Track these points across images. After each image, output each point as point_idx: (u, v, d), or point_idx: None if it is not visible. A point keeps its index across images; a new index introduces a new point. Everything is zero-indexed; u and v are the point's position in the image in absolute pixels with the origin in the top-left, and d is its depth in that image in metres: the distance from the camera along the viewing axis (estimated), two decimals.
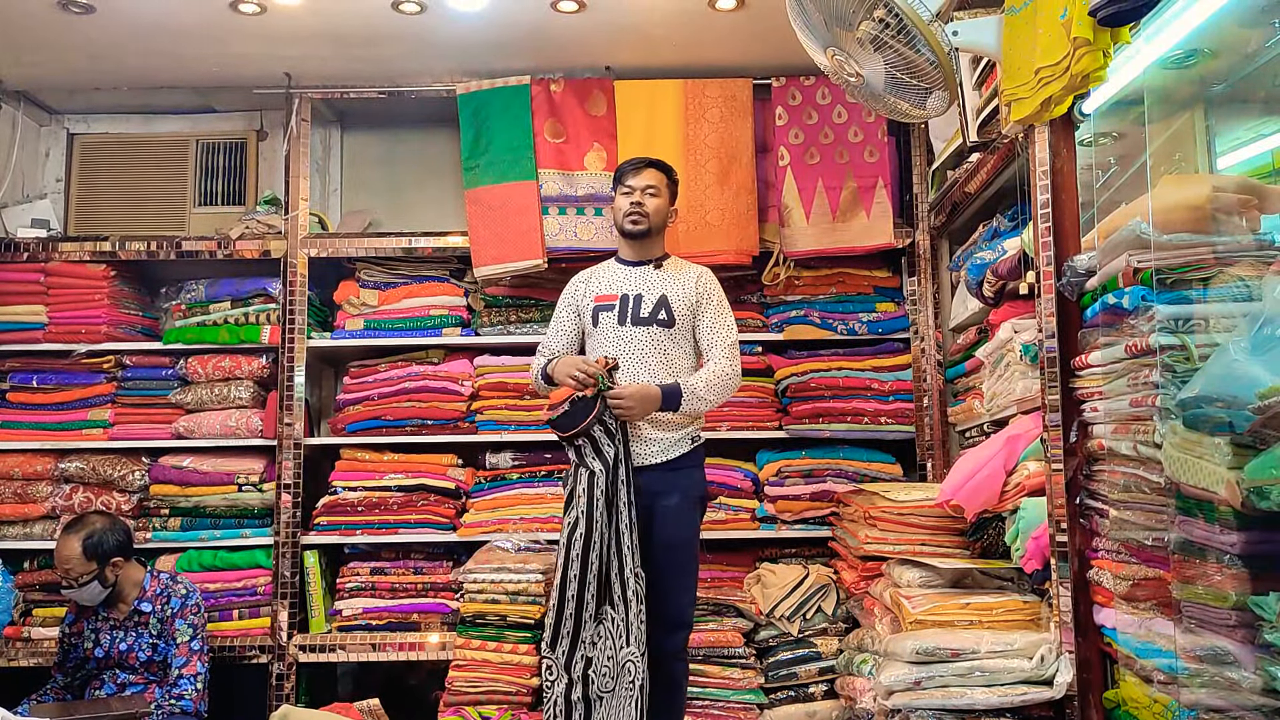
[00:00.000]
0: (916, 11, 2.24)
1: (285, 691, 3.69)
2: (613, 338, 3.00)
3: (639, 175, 3.06)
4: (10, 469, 3.87)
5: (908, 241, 3.87)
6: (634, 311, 3.00)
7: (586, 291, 3.11)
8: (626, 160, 3.17)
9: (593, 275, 3.16)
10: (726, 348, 2.99)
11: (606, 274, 3.13)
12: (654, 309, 2.99)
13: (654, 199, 3.06)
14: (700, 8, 3.46)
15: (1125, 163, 2.39)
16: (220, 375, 3.92)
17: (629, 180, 3.07)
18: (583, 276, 3.19)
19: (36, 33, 3.58)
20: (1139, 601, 2.12)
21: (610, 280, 3.09)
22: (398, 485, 3.83)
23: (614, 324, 3.00)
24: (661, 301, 3.00)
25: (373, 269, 4.03)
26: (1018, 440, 2.75)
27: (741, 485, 3.83)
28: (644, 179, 3.06)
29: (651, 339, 2.97)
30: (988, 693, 2.49)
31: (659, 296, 3.01)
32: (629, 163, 3.13)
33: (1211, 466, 1.68)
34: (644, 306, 3.00)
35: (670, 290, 3.02)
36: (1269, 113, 2.01)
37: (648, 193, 3.05)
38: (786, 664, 3.52)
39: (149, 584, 3.36)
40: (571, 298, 3.16)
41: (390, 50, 3.76)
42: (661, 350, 2.97)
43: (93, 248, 3.95)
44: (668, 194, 3.11)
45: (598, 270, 3.17)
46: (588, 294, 3.10)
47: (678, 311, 3.00)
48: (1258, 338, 1.62)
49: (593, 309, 3.06)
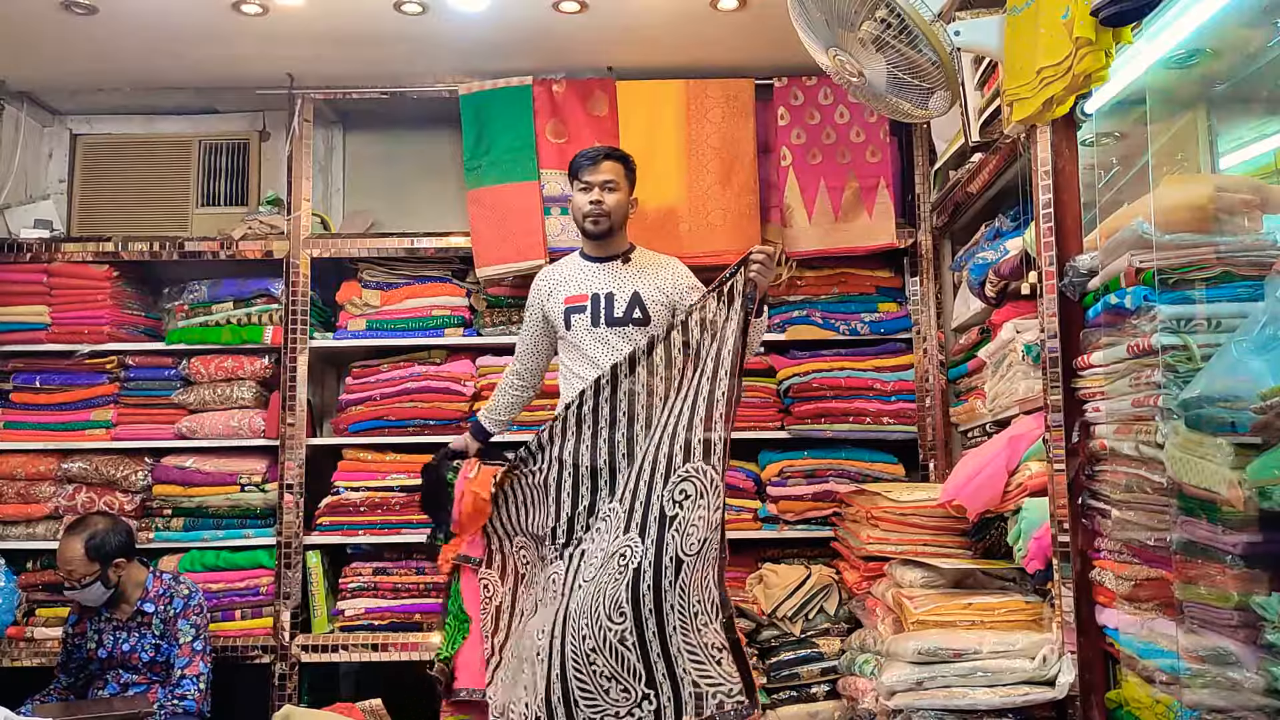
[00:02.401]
0: (918, 11, 2.23)
1: (287, 691, 3.70)
2: (587, 340, 2.92)
3: (595, 170, 2.92)
4: (13, 469, 3.88)
5: (910, 242, 3.86)
6: (607, 312, 2.91)
7: (553, 293, 3.01)
8: (580, 153, 3.02)
9: (558, 274, 3.05)
10: None
11: (573, 272, 3.02)
12: (628, 308, 2.91)
13: (613, 194, 2.93)
14: (702, 8, 3.46)
15: (1127, 163, 2.39)
16: (223, 375, 3.92)
17: (585, 175, 2.93)
18: (547, 276, 3.08)
19: (39, 33, 3.58)
20: (1141, 602, 2.11)
21: (578, 279, 2.99)
22: (400, 485, 3.83)
23: (587, 326, 2.92)
24: (634, 299, 2.91)
25: (375, 269, 4.03)
26: (1020, 440, 2.75)
27: (743, 485, 3.83)
28: (601, 174, 2.92)
29: (627, 338, 2.90)
30: (990, 693, 2.49)
31: (631, 294, 2.92)
32: (583, 155, 2.98)
33: (1214, 467, 1.68)
34: (617, 306, 2.91)
35: (643, 286, 2.94)
36: (1271, 112, 2.01)
37: (606, 188, 2.92)
38: (789, 664, 3.51)
39: (152, 584, 3.37)
40: (538, 304, 3.05)
41: (392, 51, 3.77)
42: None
43: (95, 248, 3.95)
44: (627, 185, 2.98)
45: (562, 268, 3.07)
46: (555, 296, 3.00)
47: (652, 309, 2.92)
48: (1260, 337, 1.62)
49: (563, 311, 2.96)
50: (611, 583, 2.52)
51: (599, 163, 2.93)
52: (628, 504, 2.59)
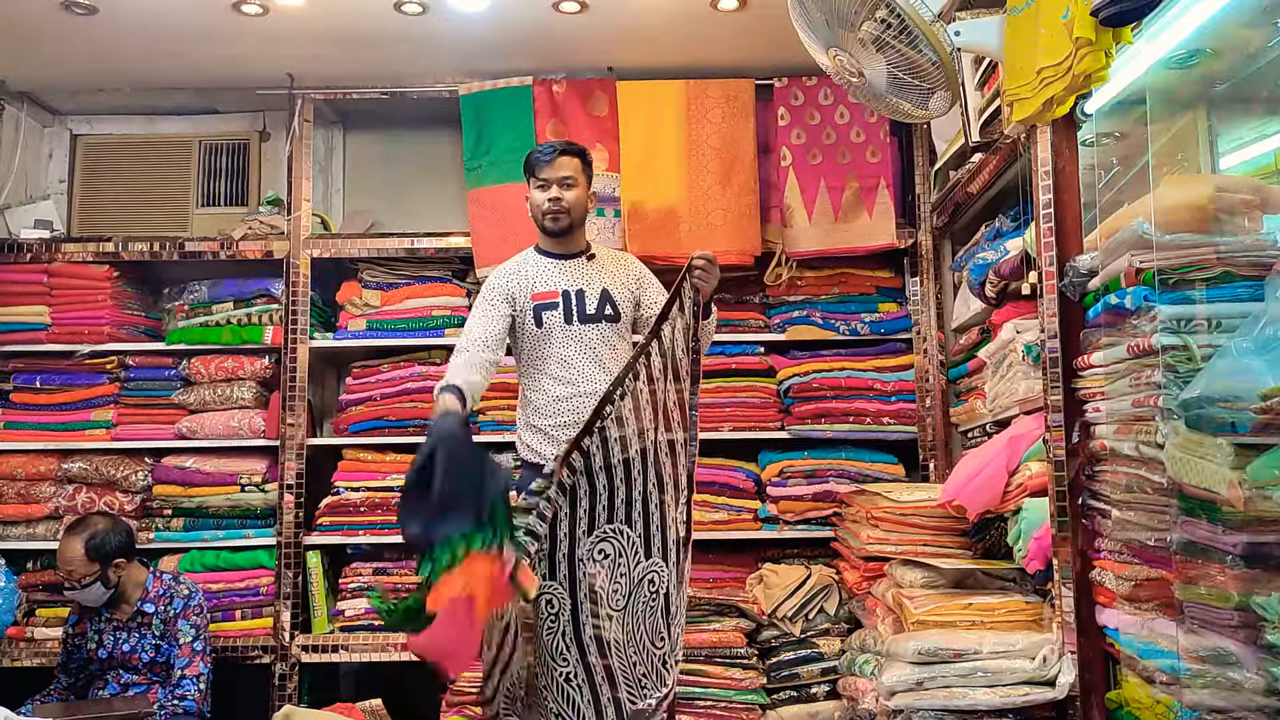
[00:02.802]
0: (918, 11, 2.23)
1: (288, 692, 3.70)
2: (560, 337, 2.83)
3: (553, 166, 2.84)
4: (14, 469, 3.88)
5: (910, 242, 3.86)
6: (579, 309, 2.84)
7: (521, 287, 2.86)
8: (536, 148, 2.94)
9: (520, 270, 2.92)
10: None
11: (536, 269, 2.91)
12: (599, 304, 2.85)
13: (571, 190, 2.85)
14: (702, 8, 3.46)
15: (1127, 163, 2.39)
16: (223, 376, 3.92)
17: (541, 173, 2.85)
18: (509, 271, 2.91)
19: (39, 34, 3.58)
20: (1141, 602, 2.11)
21: (543, 276, 2.89)
22: (400, 486, 3.82)
23: (560, 323, 2.83)
24: (605, 296, 2.86)
25: (375, 269, 4.03)
26: (1020, 441, 2.75)
27: (743, 485, 3.83)
28: (559, 170, 2.83)
29: (601, 335, 2.84)
30: (990, 693, 2.49)
31: (600, 291, 2.86)
32: (539, 151, 2.89)
33: (1214, 467, 1.68)
34: (589, 302, 2.85)
35: (610, 283, 2.89)
36: (1271, 112, 2.01)
37: (565, 185, 2.84)
38: (789, 664, 3.52)
39: (152, 585, 3.37)
40: (504, 289, 2.86)
41: (392, 51, 3.77)
42: (611, 345, 2.84)
43: (96, 248, 3.95)
44: (585, 180, 2.89)
45: (522, 264, 2.94)
46: (523, 290, 2.85)
47: (621, 305, 2.88)
48: (1260, 338, 1.62)
49: (533, 309, 2.85)
50: (649, 611, 2.61)
51: (555, 158, 2.84)
52: (641, 528, 2.62)
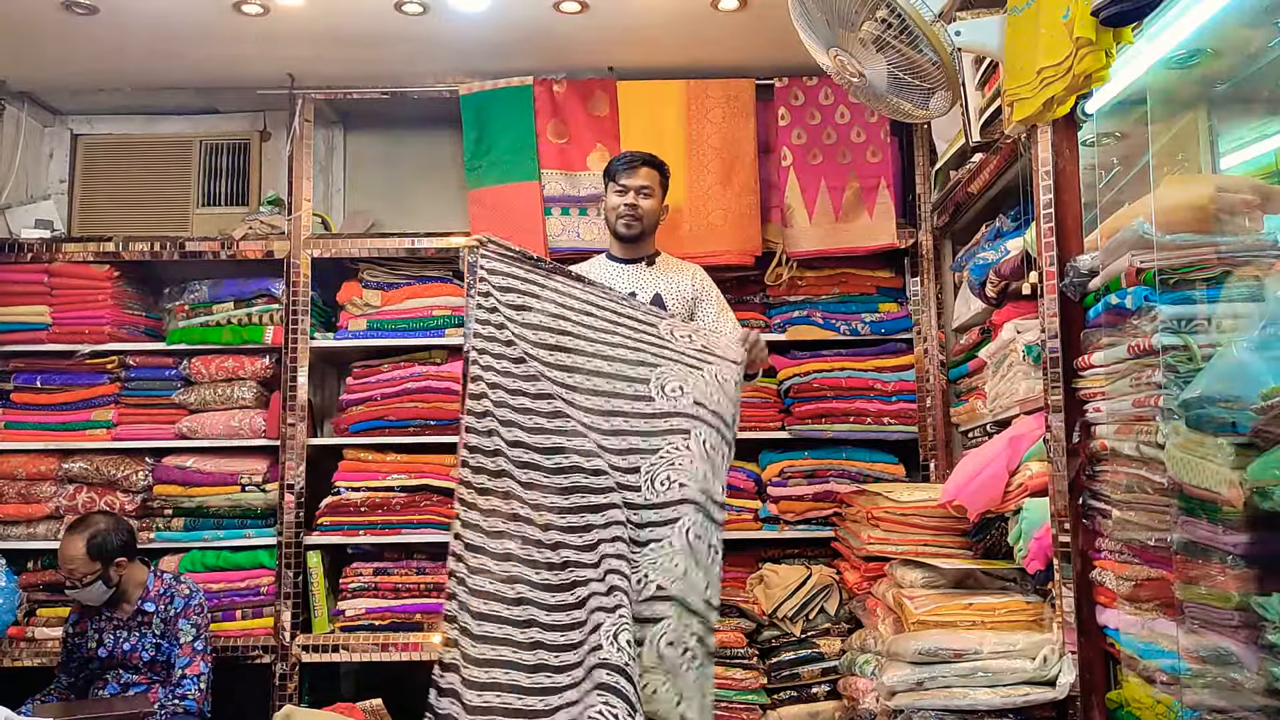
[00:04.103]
0: (919, 11, 2.23)
1: (288, 691, 3.70)
2: None
3: (634, 175, 2.98)
4: (14, 469, 3.88)
5: (910, 242, 3.86)
6: None
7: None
8: (619, 155, 3.08)
9: (588, 274, 3.03)
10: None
11: (597, 272, 3.06)
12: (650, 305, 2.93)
13: (648, 199, 2.99)
14: (703, 8, 3.46)
15: (1128, 163, 2.39)
16: (223, 376, 3.92)
17: (622, 179, 2.99)
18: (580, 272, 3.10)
19: (40, 33, 3.58)
20: (1142, 602, 2.11)
21: (602, 278, 2.99)
22: (400, 485, 3.83)
23: None
24: (656, 300, 2.96)
25: (375, 269, 4.03)
26: (1020, 441, 2.75)
27: (744, 486, 3.83)
28: (639, 179, 2.99)
29: None
30: (990, 693, 2.49)
31: (653, 295, 2.97)
32: (621, 159, 3.04)
33: (1214, 467, 1.68)
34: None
35: (665, 288, 2.98)
36: (1271, 112, 2.01)
37: (642, 194, 2.98)
38: (789, 664, 3.52)
39: (152, 584, 3.37)
40: None
41: (393, 51, 3.77)
42: None
43: (96, 248, 3.95)
44: (661, 192, 3.04)
45: (589, 269, 3.10)
46: None
47: (672, 310, 2.96)
48: (1261, 338, 1.62)
49: None
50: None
51: (637, 168, 2.99)
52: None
